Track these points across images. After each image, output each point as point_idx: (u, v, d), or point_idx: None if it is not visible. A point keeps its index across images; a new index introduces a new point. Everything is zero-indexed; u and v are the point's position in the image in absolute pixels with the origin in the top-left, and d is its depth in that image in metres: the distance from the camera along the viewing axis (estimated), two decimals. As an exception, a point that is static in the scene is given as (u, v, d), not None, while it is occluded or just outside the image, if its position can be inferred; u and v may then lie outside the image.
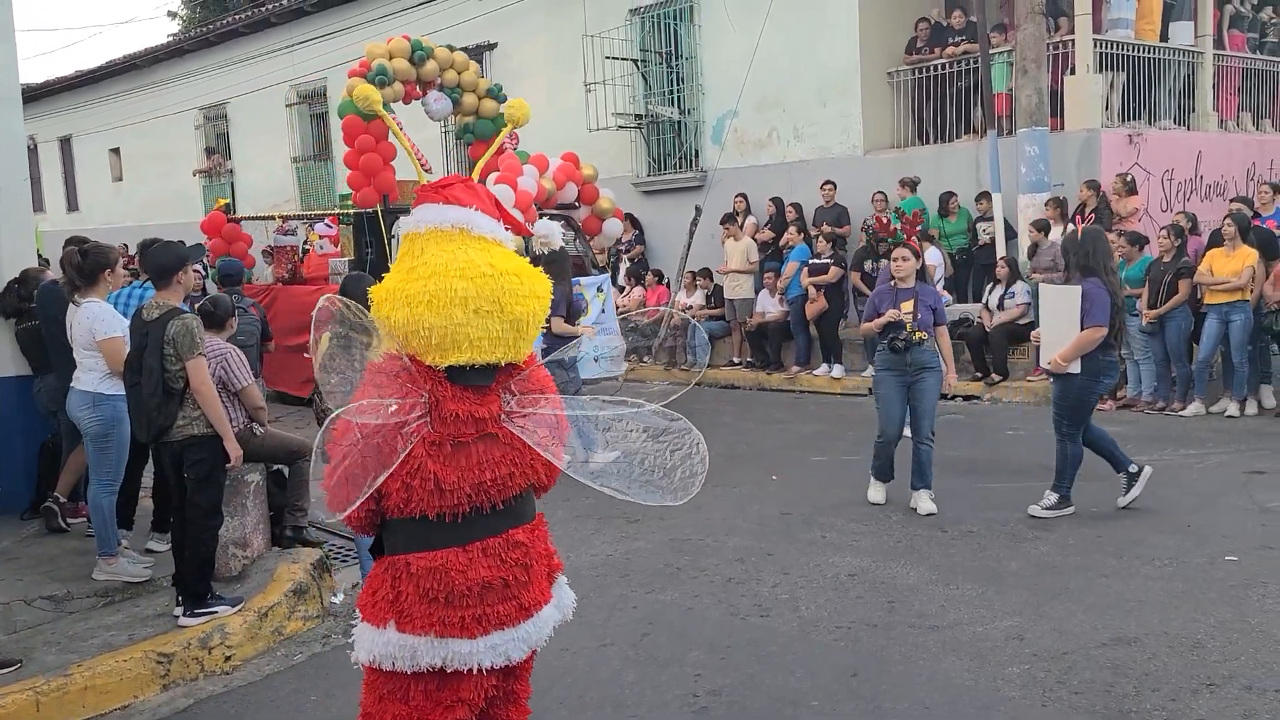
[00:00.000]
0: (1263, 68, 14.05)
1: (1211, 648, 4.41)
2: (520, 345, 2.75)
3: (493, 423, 2.70)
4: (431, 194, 2.79)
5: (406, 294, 2.64)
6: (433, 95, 11.07)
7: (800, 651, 4.64)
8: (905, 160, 12.69)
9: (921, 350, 6.56)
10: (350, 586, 5.81)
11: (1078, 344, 6.08)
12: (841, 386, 11.45)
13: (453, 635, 2.70)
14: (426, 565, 2.69)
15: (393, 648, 2.70)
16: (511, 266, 2.72)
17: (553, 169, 10.69)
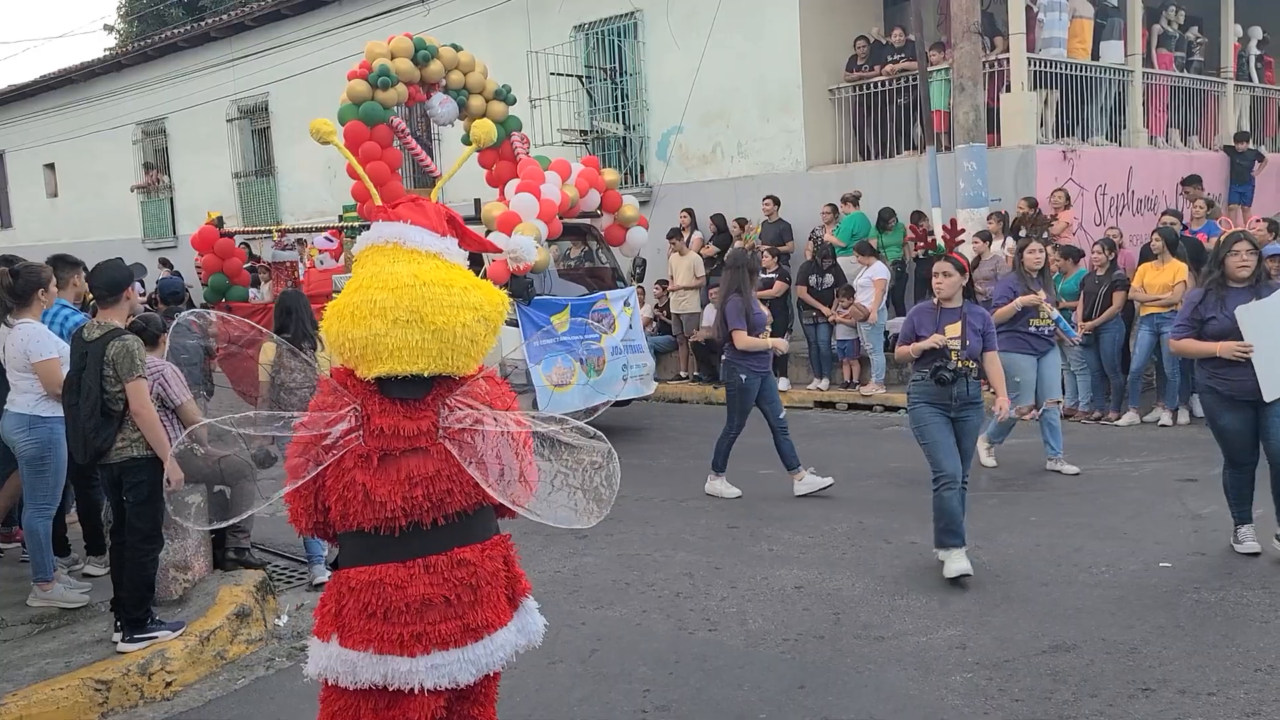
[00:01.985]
0: (1190, 86, 14.47)
1: (1147, 653, 4.52)
2: (449, 356, 2.72)
3: (425, 437, 2.70)
4: (379, 213, 2.84)
5: (338, 309, 2.73)
6: (438, 98, 10.40)
7: (748, 665, 4.68)
8: (847, 176, 12.87)
9: (968, 382, 5.65)
10: (295, 608, 5.74)
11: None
12: (788, 399, 11.51)
13: (390, 652, 2.69)
14: (365, 579, 2.70)
15: (335, 662, 2.72)
16: (439, 278, 2.72)
17: (575, 175, 10.02)
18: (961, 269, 5.75)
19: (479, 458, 2.70)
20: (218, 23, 19.76)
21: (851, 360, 11.40)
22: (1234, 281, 5.51)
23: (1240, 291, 5.48)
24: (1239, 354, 5.31)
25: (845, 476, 7.87)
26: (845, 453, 9.04)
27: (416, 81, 10.10)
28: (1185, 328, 5.61)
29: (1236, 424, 5.50)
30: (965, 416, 5.69)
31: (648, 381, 10.13)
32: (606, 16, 14.73)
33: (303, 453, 2.68)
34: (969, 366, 5.61)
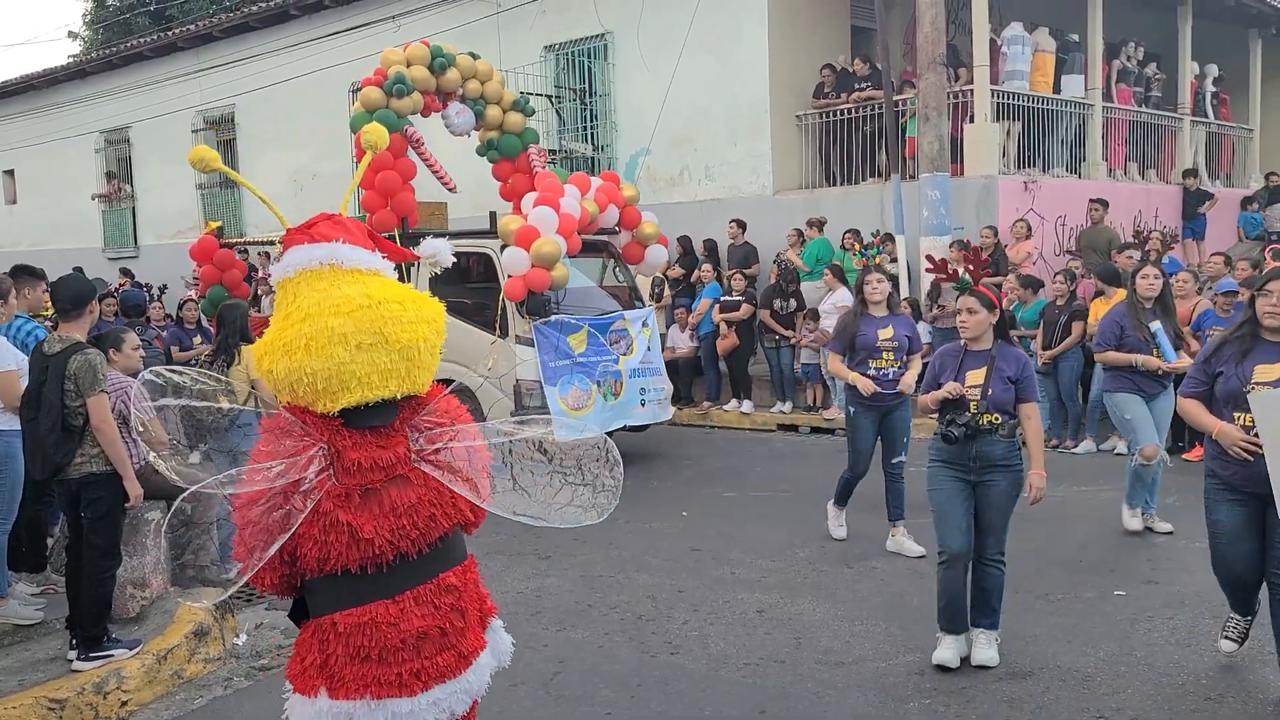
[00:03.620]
0: (1148, 120, 14.79)
1: (1100, 680, 4.59)
2: (415, 374, 2.62)
3: (402, 464, 2.59)
4: (298, 235, 2.69)
5: (283, 342, 2.53)
6: (454, 107, 10.15)
7: (709, 688, 4.70)
8: (813, 201, 13.01)
9: (993, 441, 4.71)
10: (254, 627, 5.69)
11: None
12: (751, 422, 11.61)
13: (389, 695, 2.55)
14: (354, 621, 2.54)
15: (325, 717, 2.56)
16: (390, 294, 2.61)
17: (593, 189, 9.66)
18: (990, 305, 4.84)
19: (464, 475, 2.62)
20: (185, 33, 19.64)
21: (814, 384, 11.49)
22: (1267, 333, 4.23)
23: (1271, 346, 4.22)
24: (1242, 449, 4.12)
25: (807, 500, 7.92)
26: (807, 476, 9.09)
27: (432, 90, 9.89)
28: (1193, 383, 4.40)
29: (1234, 520, 4.28)
30: (990, 481, 4.72)
31: (665, 406, 9.75)
32: (577, 37, 14.82)
33: (269, 504, 2.48)
34: (992, 422, 4.69)
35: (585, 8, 14.35)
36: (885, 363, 6.45)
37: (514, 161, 10.66)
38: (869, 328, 6.51)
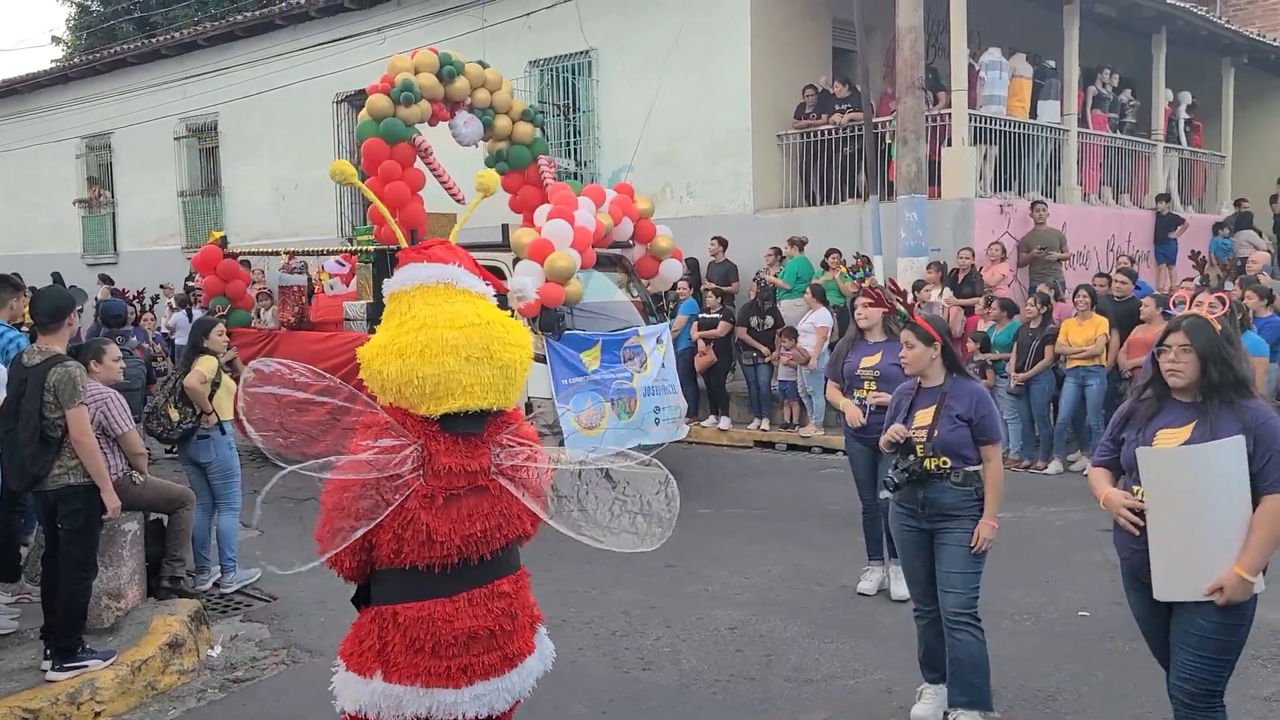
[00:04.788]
0: (1122, 146, 15.02)
1: (1063, 700, 4.69)
2: (510, 392, 2.92)
3: (483, 475, 2.85)
4: (414, 255, 2.97)
5: (398, 347, 2.80)
6: (462, 117, 9.92)
7: (681, 705, 4.77)
8: (793, 220, 13.14)
9: (942, 488, 4.29)
10: (229, 639, 5.71)
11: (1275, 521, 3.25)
12: (728, 439, 11.70)
13: (438, 685, 2.79)
14: (414, 615, 2.79)
15: (379, 697, 2.80)
16: (496, 316, 2.91)
17: (608, 202, 9.40)
18: (928, 338, 4.37)
19: (535, 492, 2.89)
20: (169, 40, 19.64)
21: (791, 401, 11.59)
22: (1176, 393, 3.46)
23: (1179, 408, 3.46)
24: (1124, 516, 3.49)
25: (782, 517, 8.01)
26: (783, 493, 9.20)
27: (440, 98, 9.66)
28: (1103, 450, 3.73)
29: (1142, 610, 3.62)
30: (943, 532, 4.31)
31: (680, 425, 9.47)
32: (562, 54, 14.92)
33: (360, 493, 2.71)
34: (940, 466, 4.28)
35: (570, 25, 14.47)
36: (865, 392, 6.02)
37: (524, 173, 10.47)
38: (856, 355, 6.19)
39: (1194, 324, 3.43)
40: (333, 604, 6.03)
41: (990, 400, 4.43)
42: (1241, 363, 3.39)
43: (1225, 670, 3.41)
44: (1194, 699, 3.41)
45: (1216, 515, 3.30)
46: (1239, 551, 3.26)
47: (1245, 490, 3.25)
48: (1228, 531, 3.27)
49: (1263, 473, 3.23)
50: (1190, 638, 3.37)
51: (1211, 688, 3.41)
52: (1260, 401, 3.39)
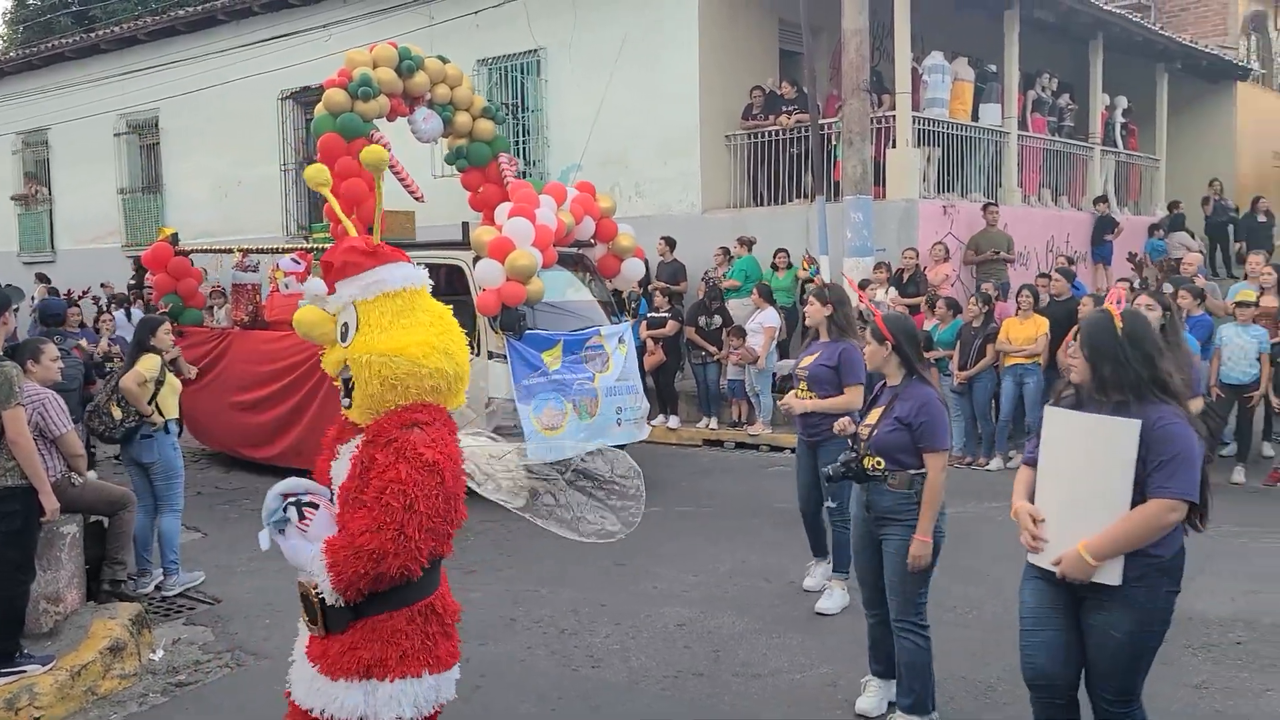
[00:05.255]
0: (1061, 149, 15.34)
1: (1001, 691, 4.79)
2: None
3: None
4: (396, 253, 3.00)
5: (443, 345, 2.88)
6: (421, 113, 9.76)
7: (630, 702, 4.80)
8: (741, 220, 13.24)
9: (879, 489, 4.32)
10: (170, 643, 5.64)
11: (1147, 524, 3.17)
12: (677, 437, 11.75)
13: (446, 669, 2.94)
14: (445, 601, 2.96)
15: (429, 691, 2.88)
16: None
17: (569, 200, 9.27)
18: (880, 337, 4.37)
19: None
20: (108, 35, 19.27)
21: (739, 400, 11.68)
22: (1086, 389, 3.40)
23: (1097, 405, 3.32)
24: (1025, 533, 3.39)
25: (730, 515, 8.07)
26: (731, 491, 9.27)
27: (399, 94, 9.48)
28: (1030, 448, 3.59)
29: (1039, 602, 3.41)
30: (884, 536, 4.33)
31: (641, 426, 9.39)
32: (510, 52, 14.89)
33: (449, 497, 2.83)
34: (876, 467, 4.29)
35: (518, 24, 14.44)
36: (800, 393, 5.94)
37: (484, 170, 10.37)
38: (802, 354, 6.17)
39: (1089, 322, 3.41)
40: (279, 605, 5.99)
41: (936, 408, 4.30)
42: (1149, 363, 3.25)
43: (1136, 678, 3.35)
44: (1112, 705, 3.35)
45: (1092, 489, 3.24)
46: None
47: (1126, 476, 3.17)
48: (1097, 509, 3.20)
49: (1150, 477, 3.15)
50: (1104, 649, 3.29)
51: (1129, 692, 3.34)
52: (1169, 408, 3.22)
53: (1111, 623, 3.25)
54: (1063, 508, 3.32)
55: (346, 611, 2.79)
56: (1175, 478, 3.13)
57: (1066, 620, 3.34)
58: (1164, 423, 3.17)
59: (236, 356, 10.07)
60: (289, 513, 2.84)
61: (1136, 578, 3.19)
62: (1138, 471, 3.17)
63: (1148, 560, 3.19)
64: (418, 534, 2.67)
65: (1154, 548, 3.19)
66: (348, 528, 2.72)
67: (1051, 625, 3.36)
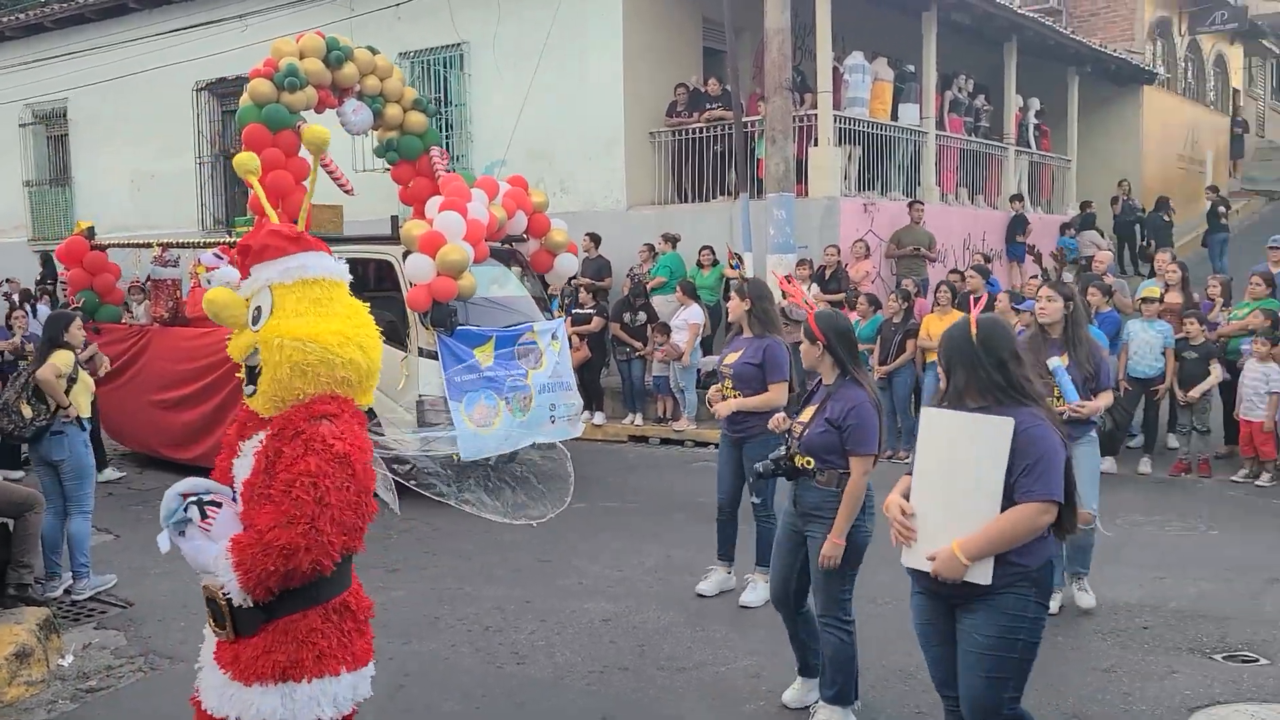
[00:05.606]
0: (977, 149, 15.70)
1: (922, 678, 4.86)
2: None
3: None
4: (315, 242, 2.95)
5: (358, 338, 2.83)
6: (350, 105, 9.54)
7: (555, 697, 4.79)
8: (666, 217, 13.29)
9: (806, 485, 4.31)
10: (80, 648, 5.48)
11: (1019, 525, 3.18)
12: (602, 434, 11.76)
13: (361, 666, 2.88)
14: (356, 598, 2.90)
15: (346, 689, 2.83)
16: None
17: (501, 194, 9.10)
18: (811, 336, 4.32)
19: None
20: (13, 22, 18.59)
21: (664, 396, 11.73)
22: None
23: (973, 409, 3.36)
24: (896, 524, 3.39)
25: (655, 511, 8.10)
26: (656, 487, 9.31)
27: (328, 85, 9.26)
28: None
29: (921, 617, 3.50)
30: (808, 533, 4.34)
31: (575, 423, 9.34)
32: (433, 46, 14.73)
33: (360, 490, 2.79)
34: (805, 465, 4.29)
35: (441, 17, 14.29)
36: (725, 390, 5.90)
37: (414, 164, 10.17)
38: (725, 351, 6.11)
39: (946, 332, 3.48)
40: (194, 608, 5.82)
41: (866, 411, 4.24)
42: (1003, 368, 3.27)
43: (1004, 690, 3.26)
44: (978, 717, 3.30)
45: (966, 488, 3.25)
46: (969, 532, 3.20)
47: (998, 474, 3.18)
48: (971, 508, 3.22)
49: (1018, 482, 3.16)
50: (969, 655, 3.28)
51: (992, 709, 3.27)
52: (1030, 411, 3.24)
53: (977, 626, 3.26)
54: (937, 507, 3.32)
55: (258, 612, 2.71)
56: (1042, 480, 3.16)
57: (950, 634, 3.37)
58: (1025, 426, 3.18)
59: (156, 354, 9.82)
60: (190, 512, 2.73)
61: (1005, 585, 3.20)
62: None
63: (1015, 569, 3.20)
64: (329, 527, 2.62)
65: (1020, 556, 3.20)
66: (255, 524, 2.64)
67: (936, 641, 3.44)
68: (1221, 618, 5.60)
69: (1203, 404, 8.97)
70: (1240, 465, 8.89)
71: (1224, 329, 9.30)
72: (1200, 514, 7.83)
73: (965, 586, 3.22)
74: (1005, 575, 3.20)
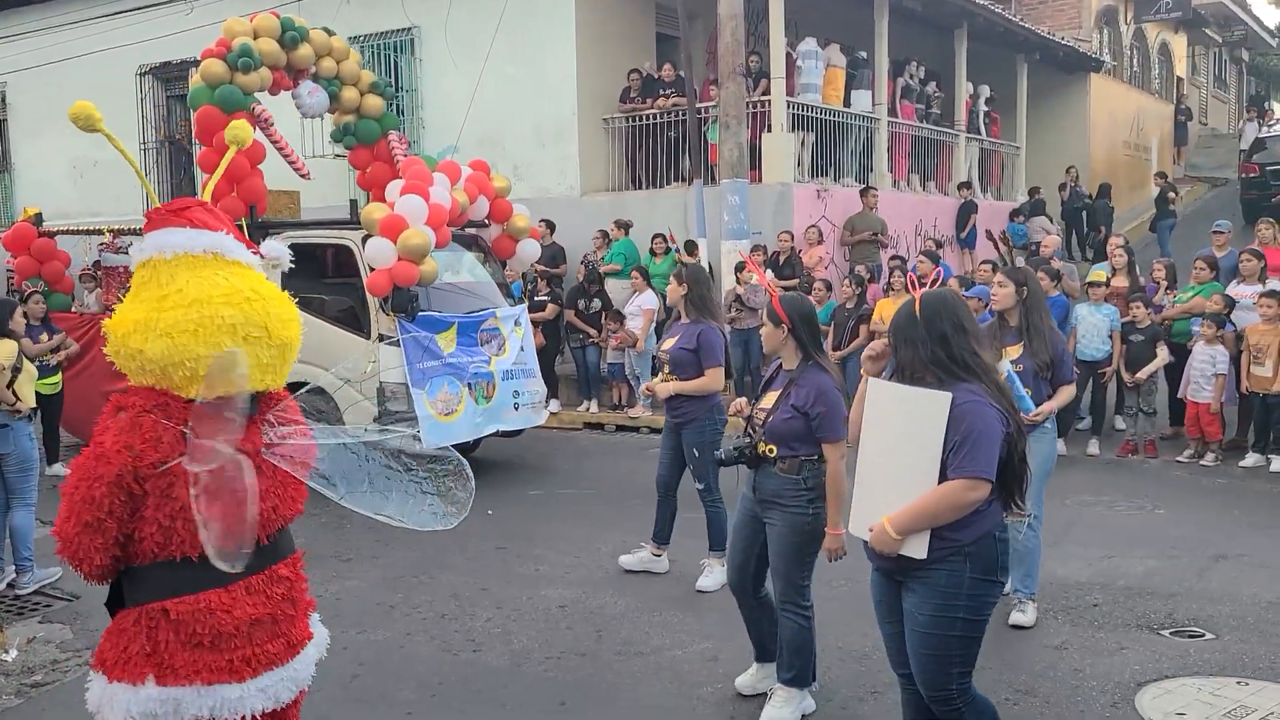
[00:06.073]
0: (928, 135, 15.82)
1: (877, 659, 4.92)
2: (284, 370, 2.76)
3: (254, 456, 2.66)
4: (171, 217, 2.73)
5: (165, 324, 2.58)
6: (306, 87, 9.34)
7: (511, 684, 4.77)
8: (620, 203, 13.25)
9: (768, 473, 4.22)
10: (25, 642, 5.36)
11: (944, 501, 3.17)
12: (558, 421, 11.71)
13: (221, 681, 2.63)
14: (189, 609, 2.61)
15: (154, 704, 2.61)
16: (271, 291, 2.73)
17: (463, 179, 8.92)
18: (776, 319, 4.22)
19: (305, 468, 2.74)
20: (-53, 3, 18.06)
21: (620, 383, 11.71)
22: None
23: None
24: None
25: (611, 497, 8.10)
26: (612, 473, 9.29)
27: (282, 66, 9.01)
28: None
29: (876, 593, 3.50)
30: (768, 520, 4.26)
31: (539, 410, 9.23)
32: (383, 30, 14.54)
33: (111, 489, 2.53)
34: (769, 453, 4.19)
35: (392, 1, 14.11)
36: (664, 376, 5.99)
37: (372, 148, 9.99)
38: (665, 335, 6.20)
39: (896, 310, 3.48)
40: (143, 601, 5.75)
41: (833, 396, 4.17)
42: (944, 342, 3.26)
43: (949, 667, 3.25)
44: (930, 701, 3.32)
45: (902, 461, 3.27)
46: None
47: (933, 449, 3.17)
48: (906, 482, 3.22)
49: (949, 457, 3.16)
50: (913, 634, 3.29)
51: (940, 685, 3.27)
52: (969, 389, 3.22)
53: (916, 604, 3.26)
54: (876, 479, 3.35)
55: (109, 602, 2.76)
56: (969, 457, 3.13)
57: (899, 611, 3.36)
58: (960, 402, 3.17)
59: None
60: None
61: (937, 560, 3.19)
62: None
63: (946, 543, 3.18)
64: (67, 524, 2.56)
65: (953, 530, 3.18)
66: None
67: (888, 618, 3.45)
68: (1169, 594, 5.71)
69: (1149, 386, 9.13)
70: (1185, 446, 9.07)
71: (1169, 312, 9.46)
72: (1147, 494, 7.97)
73: (903, 560, 3.23)
74: (938, 550, 3.19)
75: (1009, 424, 3.24)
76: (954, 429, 3.15)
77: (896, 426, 3.32)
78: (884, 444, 3.35)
